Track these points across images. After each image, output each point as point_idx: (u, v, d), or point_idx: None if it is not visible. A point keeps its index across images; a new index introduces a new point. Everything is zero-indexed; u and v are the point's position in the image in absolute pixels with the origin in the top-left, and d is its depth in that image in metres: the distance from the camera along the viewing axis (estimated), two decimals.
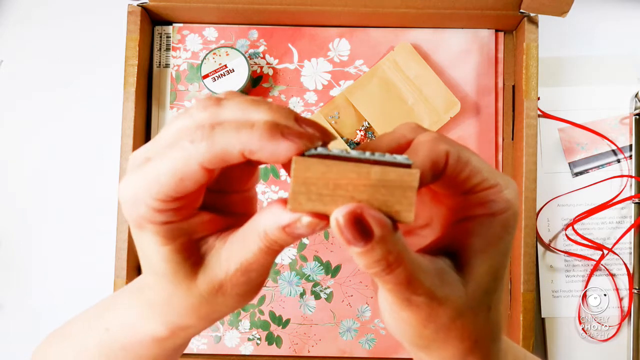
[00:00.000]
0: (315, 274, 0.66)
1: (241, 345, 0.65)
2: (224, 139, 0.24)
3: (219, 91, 0.62)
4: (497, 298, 0.28)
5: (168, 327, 0.30)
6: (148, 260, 0.28)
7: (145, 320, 0.31)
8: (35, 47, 0.71)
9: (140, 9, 0.64)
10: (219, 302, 0.28)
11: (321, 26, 0.67)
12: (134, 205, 0.25)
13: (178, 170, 0.24)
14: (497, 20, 0.65)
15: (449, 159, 0.25)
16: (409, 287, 0.25)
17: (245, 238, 0.26)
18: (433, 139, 0.26)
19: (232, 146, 0.24)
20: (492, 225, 0.27)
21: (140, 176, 0.25)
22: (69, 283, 0.68)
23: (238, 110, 0.25)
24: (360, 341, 0.65)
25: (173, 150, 0.24)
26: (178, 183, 0.24)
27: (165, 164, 0.24)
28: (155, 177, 0.24)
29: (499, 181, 0.27)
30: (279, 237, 0.25)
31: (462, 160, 0.26)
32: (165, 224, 0.26)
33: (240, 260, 0.27)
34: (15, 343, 0.68)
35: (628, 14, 0.71)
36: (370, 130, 0.66)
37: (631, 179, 0.67)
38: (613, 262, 0.66)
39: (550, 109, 0.68)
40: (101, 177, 0.69)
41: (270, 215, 0.25)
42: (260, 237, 0.26)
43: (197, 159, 0.24)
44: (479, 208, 0.27)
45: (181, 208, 0.26)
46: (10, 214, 0.70)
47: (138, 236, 0.27)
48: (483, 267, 0.27)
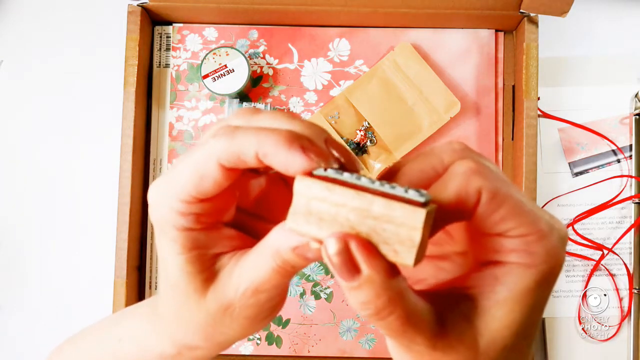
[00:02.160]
0: (315, 274, 0.66)
1: (241, 345, 0.65)
2: (243, 138, 0.23)
3: (219, 91, 0.62)
4: (523, 352, 0.25)
5: (175, 346, 0.29)
6: (165, 267, 0.27)
7: (155, 336, 0.30)
8: (35, 47, 0.71)
9: (140, 9, 0.63)
10: (226, 323, 0.27)
11: (321, 26, 0.67)
12: (158, 207, 0.26)
13: (198, 167, 0.24)
14: (497, 20, 0.65)
15: (482, 197, 0.23)
16: (404, 336, 0.23)
17: (258, 257, 0.26)
18: (468, 171, 0.23)
19: (249, 145, 0.23)
20: (524, 277, 0.23)
21: (165, 178, 0.25)
22: (69, 283, 0.68)
23: (270, 119, 0.25)
24: (360, 341, 0.65)
25: (197, 149, 0.25)
26: (197, 181, 0.24)
27: (187, 162, 0.25)
28: (177, 176, 0.25)
29: (542, 227, 0.23)
30: (290, 258, 0.25)
31: (498, 199, 0.23)
32: (185, 230, 0.26)
33: (251, 279, 0.26)
34: (15, 343, 0.68)
35: (628, 14, 0.71)
36: (370, 130, 0.66)
37: (631, 179, 0.67)
38: (613, 262, 0.66)
39: (550, 109, 0.68)
40: (101, 177, 0.69)
41: (282, 235, 0.25)
42: (273, 256, 0.25)
43: (216, 155, 0.24)
44: (511, 255, 0.24)
45: (202, 215, 0.26)
46: (10, 214, 0.70)
47: (159, 241, 0.27)
48: (503, 320, 0.24)
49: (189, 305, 0.27)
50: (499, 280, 0.24)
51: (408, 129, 0.65)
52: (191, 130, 0.67)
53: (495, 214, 0.23)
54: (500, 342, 0.24)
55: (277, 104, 0.67)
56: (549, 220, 0.24)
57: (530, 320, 0.24)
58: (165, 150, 0.67)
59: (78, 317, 0.68)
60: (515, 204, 0.23)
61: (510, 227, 0.23)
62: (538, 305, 0.24)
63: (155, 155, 0.67)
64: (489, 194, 0.23)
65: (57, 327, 0.67)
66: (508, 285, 0.24)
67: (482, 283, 0.24)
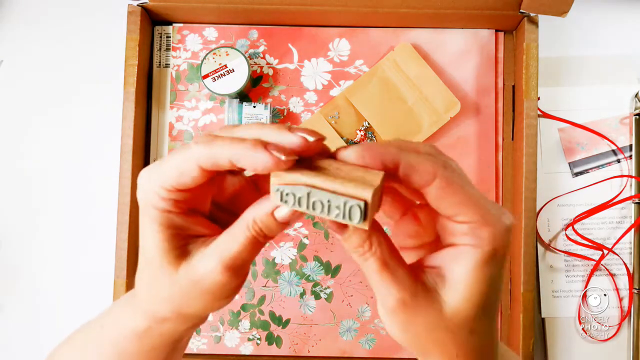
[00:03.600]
0: (315, 274, 0.66)
1: (241, 345, 0.65)
2: (218, 146, 0.28)
3: (219, 91, 0.62)
4: (485, 325, 0.30)
5: (147, 319, 0.34)
6: (143, 244, 0.31)
7: (130, 314, 0.35)
8: (35, 47, 0.71)
9: (140, 9, 0.64)
10: (193, 296, 0.31)
11: (321, 26, 0.67)
12: (144, 190, 0.30)
13: (179, 165, 0.29)
14: (497, 20, 0.65)
15: (435, 181, 0.28)
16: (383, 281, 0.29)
17: (232, 231, 0.30)
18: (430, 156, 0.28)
19: (222, 153, 0.28)
20: (473, 257, 0.28)
21: (154, 167, 0.30)
22: (69, 283, 0.68)
23: (244, 130, 0.29)
24: (360, 341, 0.65)
25: (183, 150, 0.29)
26: (178, 176, 0.29)
27: (173, 159, 0.29)
28: (163, 168, 0.30)
29: (488, 216, 0.28)
30: (266, 224, 0.30)
31: (452, 188, 0.28)
32: (164, 211, 0.30)
33: (224, 253, 0.30)
34: (15, 344, 0.68)
35: (628, 14, 0.71)
36: (370, 130, 0.66)
37: (631, 179, 0.67)
38: (613, 262, 0.66)
39: (550, 109, 0.68)
40: (101, 177, 0.69)
41: (259, 206, 0.30)
42: (249, 226, 0.30)
43: (195, 158, 0.29)
44: (464, 237, 0.29)
45: (180, 202, 0.30)
46: (10, 215, 0.70)
47: (142, 220, 0.31)
48: (463, 293, 0.29)
49: (162, 279, 0.31)
50: (455, 259, 0.29)
51: (408, 129, 0.65)
52: (191, 130, 0.67)
53: (448, 199, 0.28)
54: (463, 312, 0.29)
55: (277, 104, 0.67)
56: (495, 211, 0.29)
57: (486, 296, 0.29)
58: (165, 150, 0.67)
59: (78, 317, 0.68)
60: (466, 195, 0.28)
61: (461, 213, 0.28)
62: (491, 282, 0.29)
63: (155, 155, 0.67)
64: (443, 180, 0.27)
65: (57, 327, 0.67)
66: (462, 262, 0.28)
67: (446, 261, 0.29)
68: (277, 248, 0.66)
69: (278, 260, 0.66)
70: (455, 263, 0.29)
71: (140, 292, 0.33)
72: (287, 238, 0.66)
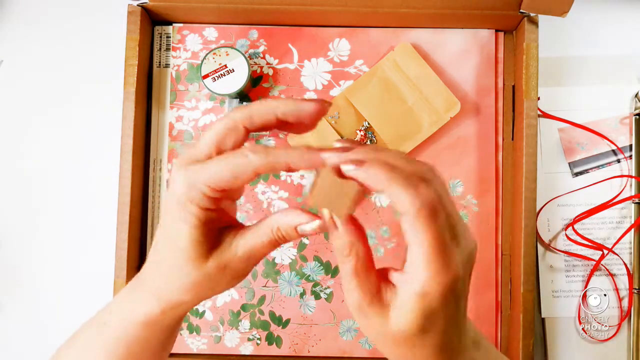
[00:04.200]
0: (315, 274, 0.66)
1: (241, 345, 0.65)
2: (277, 155, 0.32)
3: (219, 91, 0.62)
4: (430, 339, 0.32)
5: (161, 305, 0.36)
6: (175, 235, 0.34)
7: (139, 302, 0.37)
8: (35, 47, 0.71)
9: (140, 9, 0.64)
10: (217, 280, 0.35)
11: (321, 26, 0.67)
12: (190, 188, 0.33)
13: (239, 170, 0.32)
14: (497, 20, 0.65)
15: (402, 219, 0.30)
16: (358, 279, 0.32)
17: (259, 230, 0.35)
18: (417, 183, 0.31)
19: (280, 160, 0.32)
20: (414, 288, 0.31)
21: (204, 168, 0.32)
22: (69, 283, 0.68)
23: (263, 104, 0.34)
24: (360, 341, 0.65)
25: (235, 156, 0.32)
26: (232, 179, 0.32)
27: (230, 163, 0.32)
28: (218, 172, 0.32)
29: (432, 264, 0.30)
30: (289, 233, 0.34)
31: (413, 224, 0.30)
32: (205, 209, 0.33)
33: (250, 245, 0.35)
34: (15, 344, 0.68)
35: (628, 14, 0.71)
36: (370, 130, 0.66)
37: (631, 179, 0.67)
38: (613, 262, 0.66)
39: (550, 109, 0.68)
40: (101, 177, 0.69)
41: (286, 216, 0.34)
42: (273, 230, 0.34)
43: (254, 165, 0.32)
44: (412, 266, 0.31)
45: (220, 200, 0.33)
46: (10, 214, 0.70)
47: (176, 214, 0.33)
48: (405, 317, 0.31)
49: (188, 268, 0.34)
50: (405, 283, 0.31)
51: (408, 129, 0.65)
52: (191, 130, 0.67)
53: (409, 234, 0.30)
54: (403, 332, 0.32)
55: None
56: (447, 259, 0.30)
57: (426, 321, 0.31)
58: (165, 150, 0.67)
59: (78, 317, 0.68)
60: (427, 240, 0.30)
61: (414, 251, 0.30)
62: (430, 313, 0.31)
63: (155, 155, 0.67)
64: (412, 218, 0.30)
65: (57, 327, 0.67)
66: (406, 289, 0.31)
67: (399, 282, 0.32)
68: (277, 248, 0.66)
69: (278, 260, 0.66)
70: (403, 287, 0.31)
71: (156, 281, 0.36)
72: None
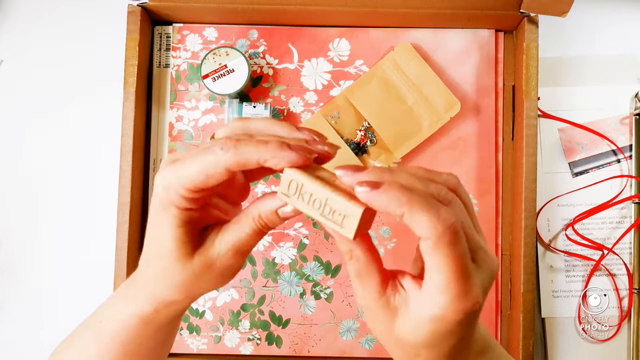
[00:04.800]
0: (315, 274, 0.66)
1: (241, 345, 0.65)
2: (246, 151, 0.31)
3: (219, 91, 0.62)
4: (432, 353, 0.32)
5: (154, 305, 0.37)
6: (160, 236, 0.34)
7: (132, 302, 0.37)
8: (35, 47, 0.71)
9: (140, 9, 0.64)
10: (205, 278, 0.35)
11: (321, 26, 0.67)
12: (167, 190, 0.33)
13: (208, 168, 0.31)
14: (497, 20, 0.65)
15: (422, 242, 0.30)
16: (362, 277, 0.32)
17: (240, 222, 0.34)
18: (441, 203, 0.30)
19: (251, 156, 0.31)
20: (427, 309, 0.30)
21: (176, 169, 0.32)
22: (69, 283, 0.68)
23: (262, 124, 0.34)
24: (360, 341, 0.65)
25: (206, 153, 0.32)
26: (205, 178, 0.32)
27: (199, 162, 0.32)
28: (189, 171, 0.32)
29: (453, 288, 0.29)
30: (270, 219, 0.34)
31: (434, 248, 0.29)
32: (185, 209, 0.33)
33: (233, 240, 0.34)
34: (15, 343, 0.68)
35: (628, 14, 0.71)
36: (370, 130, 0.66)
37: (631, 179, 0.67)
38: (613, 262, 0.66)
39: (550, 109, 0.68)
40: (101, 177, 0.69)
41: (264, 202, 0.34)
42: (255, 219, 0.34)
43: (224, 162, 0.31)
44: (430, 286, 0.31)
45: (199, 200, 0.33)
46: (10, 214, 0.70)
47: (159, 216, 0.34)
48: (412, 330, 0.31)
49: (176, 267, 0.34)
50: (418, 298, 0.31)
51: (408, 129, 0.65)
52: (191, 130, 0.67)
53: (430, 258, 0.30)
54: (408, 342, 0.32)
55: (277, 104, 0.67)
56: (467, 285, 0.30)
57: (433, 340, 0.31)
58: (165, 150, 0.67)
59: (78, 317, 0.68)
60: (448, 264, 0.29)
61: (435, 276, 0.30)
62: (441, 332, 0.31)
63: (155, 155, 0.67)
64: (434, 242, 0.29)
65: (57, 327, 0.67)
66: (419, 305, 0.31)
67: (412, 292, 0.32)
68: (277, 248, 0.66)
69: (278, 260, 0.66)
70: (418, 305, 0.31)
71: (148, 280, 0.36)
72: (287, 238, 0.66)
